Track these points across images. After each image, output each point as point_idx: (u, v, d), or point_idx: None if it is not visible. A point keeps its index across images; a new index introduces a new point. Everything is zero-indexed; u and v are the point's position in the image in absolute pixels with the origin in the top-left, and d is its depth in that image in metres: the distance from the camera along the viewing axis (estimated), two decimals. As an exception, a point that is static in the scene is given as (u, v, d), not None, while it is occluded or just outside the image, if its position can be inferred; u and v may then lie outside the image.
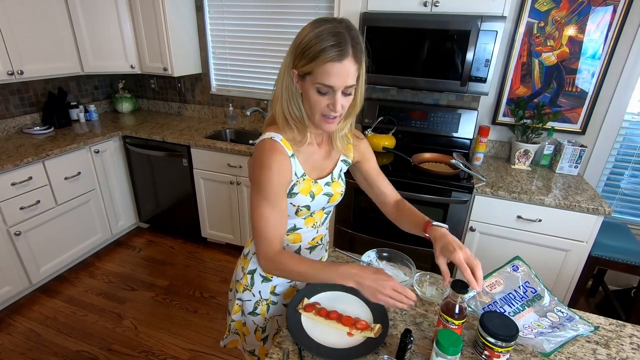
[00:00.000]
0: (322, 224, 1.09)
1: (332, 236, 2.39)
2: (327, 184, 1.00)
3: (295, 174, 0.93)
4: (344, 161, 1.06)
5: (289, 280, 1.11)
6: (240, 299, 1.12)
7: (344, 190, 1.06)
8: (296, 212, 0.98)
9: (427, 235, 0.96)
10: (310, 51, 0.78)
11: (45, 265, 2.36)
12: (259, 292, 1.09)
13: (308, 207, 0.98)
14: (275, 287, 1.10)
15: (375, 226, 2.25)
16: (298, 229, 1.04)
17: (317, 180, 0.98)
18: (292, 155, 0.91)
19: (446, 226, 0.94)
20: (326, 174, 1.01)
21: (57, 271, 2.49)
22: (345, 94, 0.83)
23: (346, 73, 0.79)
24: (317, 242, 1.11)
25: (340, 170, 1.05)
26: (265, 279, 1.09)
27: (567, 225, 1.87)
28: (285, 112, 0.88)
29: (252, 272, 1.08)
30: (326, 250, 1.22)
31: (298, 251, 1.08)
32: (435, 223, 0.95)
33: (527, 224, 1.93)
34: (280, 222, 0.91)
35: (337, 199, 1.05)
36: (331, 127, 0.89)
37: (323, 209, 1.05)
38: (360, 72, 0.85)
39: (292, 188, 0.94)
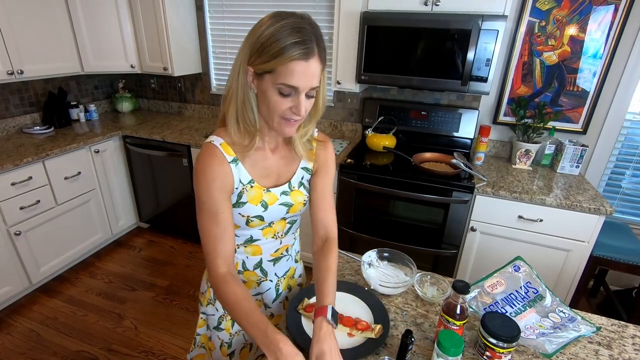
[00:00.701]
0: (287, 233, 1.00)
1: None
2: (284, 192, 0.91)
3: (240, 181, 0.85)
4: (305, 169, 0.95)
5: (254, 294, 1.03)
6: (204, 313, 1.05)
7: (307, 199, 0.96)
8: (247, 223, 0.89)
9: (313, 318, 0.83)
10: (272, 47, 0.70)
11: (45, 265, 2.35)
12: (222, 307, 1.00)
13: (261, 218, 0.89)
14: None
15: (376, 226, 2.25)
16: (256, 240, 0.95)
17: (271, 189, 0.89)
18: (234, 160, 0.84)
19: (333, 324, 0.80)
20: (283, 182, 0.92)
21: (57, 271, 2.49)
22: (308, 96, 0.77)
23: (311, 73, 0.73)
24: (281, 254, 1.02)
25: (302, 179, 0.95)
26: None
27: (569, 225, 1.86)
28: (238, 112, 0.80)
29: None
30: (296, 261, 1.11)
31: (259, 264, 0.98)
32: (329, 316, 0.80)
33: (528, 223, 1.93)
34: (223, 235, 0.82)
35: (299, 209, 0.96)
36: (292, 131, 0.81)
37: (284, 219, 0.96)
38: (324, 72, 0.79)
39: (239, 197, 0.86)
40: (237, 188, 0.85)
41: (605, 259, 1.91)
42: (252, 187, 0.86)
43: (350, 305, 1.01)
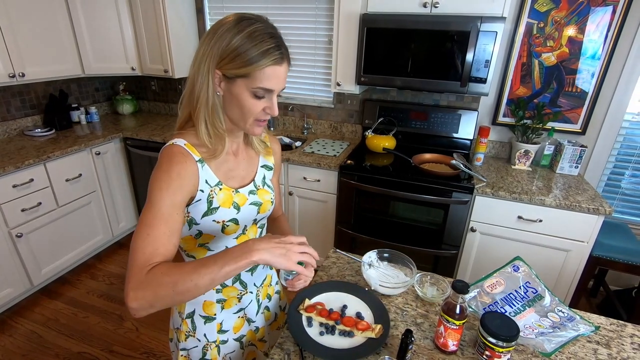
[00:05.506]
0: None
1: (333, 237, 2.40)
2: (251, 192, 0.92)
3: (207, 183, 0.82)
4: (265, 166, 0.98)
5: (236, 311, 0.99)
6: (184, 349, 0.98)
7: (273, 197, 0.98)
8: (222, 230, 0.86)
9: None
10: (247, 53, 0.73)
11: (47, 267, 2.36)
12: (204, 335, 0.97)
13: (235, 221, 0.88)
14: (221, 324, 0.97)
15: (376, 227, 2.26)
16: None
17: (239, 190, 0.89)
18: (200, 160, 0.81)
19: None
20: (248, 182, 0.93)
21: (58, 273, 2.49)
22: (277, 95, 0.81)
23: (284, 76, 0.79)
24: None
25: (264, 178, 0.97)
26: (208, 319, 0.96)
27: (568, 226, 1.87)
28: (207, 117, 0.80)
29: (191, 315, 0.96)
30: (271, 268, 1.09)
31: (238, 276, 0.95)
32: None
33: (528, 224, 1.93)
34: (170, 237, 0.73)
35: (268, 207, 0.96)
36: (261, 131, 0.85)
37: (255, 222, 0.95)
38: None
39: (210, 203, 0.83)
40: (202, 191, 0.82)
41: (605, 259, 1.92)
42: (220, 189, 0.85)
43: (351, 306, 1.02)
